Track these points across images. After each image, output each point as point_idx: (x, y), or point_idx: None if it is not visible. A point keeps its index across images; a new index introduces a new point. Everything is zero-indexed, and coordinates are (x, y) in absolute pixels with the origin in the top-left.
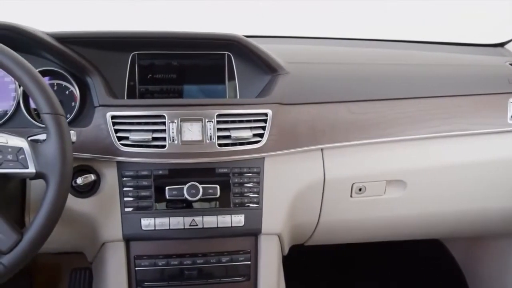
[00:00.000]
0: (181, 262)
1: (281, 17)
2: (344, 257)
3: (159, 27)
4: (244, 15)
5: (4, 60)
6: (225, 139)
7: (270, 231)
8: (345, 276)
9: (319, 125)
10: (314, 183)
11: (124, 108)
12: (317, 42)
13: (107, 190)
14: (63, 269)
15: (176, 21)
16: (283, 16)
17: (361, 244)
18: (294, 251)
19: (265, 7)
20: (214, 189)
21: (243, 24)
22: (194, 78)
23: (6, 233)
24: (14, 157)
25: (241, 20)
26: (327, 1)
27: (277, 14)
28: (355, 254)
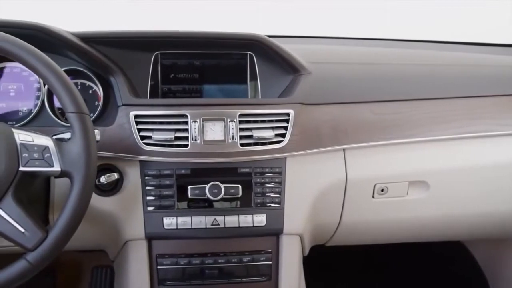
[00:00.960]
0: (202, 261)
1: (302, 17)
2: (364, 258)
3: (180, 27)
4: (265, 15)
5: (30, 59)
6: (247, 139)
7: (291, 231)
8: (365, 277)
9: (341, 126)
10: (336, 183)
11: (147, 108)
12: (338, 42)
13: (129, 189)
14: (84, 267)
15: (197, 21)
16: (304, 16)
17: (381, 245)
18: (313, 251)
19: (286, 6)
20: (236, 188)
21: (264, 24)
22: (216, 78)
23: (31, 231)
24: (39, 155)
25: (262, 20)
26: (347, 0)
27: (298, 14)
28: (376, 255)
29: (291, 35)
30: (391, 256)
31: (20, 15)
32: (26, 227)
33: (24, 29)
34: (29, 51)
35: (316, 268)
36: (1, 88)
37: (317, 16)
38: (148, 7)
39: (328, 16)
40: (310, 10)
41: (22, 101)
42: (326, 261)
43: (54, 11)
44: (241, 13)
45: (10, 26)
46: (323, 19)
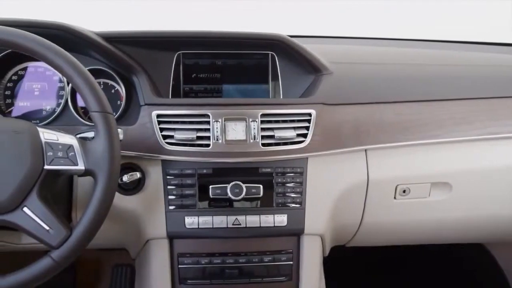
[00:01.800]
0: (223, 260)
1: (322, 17)
2: (384, 260)
3: (200, 27)
4: (286, 15)
5: (56, 59)
6: (269, 138)
7: (312, 232)
8: (384, 279)
9: (363, 126)
10: (358, 184)
11: (169, 107)
12: (360, 42)
13: (151, 188)
14: (105, 265)
15: (217, 21)
16: (325, 16)
17: (402, 247)
18: (332, 251)
19: (307, 6)
20: (257, 188)
21: (284, 24)
22: (238, 78)
23: (56, 229)
24: (64, 154)
25: (282, 20)
26: (368, 1)
27: (319, 14)
28: (396, 256)
29: (312, 35)
30: (411, 257)
31: (29, 14)
32: (50, 225)
33: (49, 29)
34: (54, 51)
35: (334, 269)
36: (26, 87)
37: (337, 16)
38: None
39: (349, 16)
40: (331, 10)
41: (45, 100)
42: (345, 262)
43: (67, 11)
44: (262, 13)
45: (35, 26)
46: (344, 19)
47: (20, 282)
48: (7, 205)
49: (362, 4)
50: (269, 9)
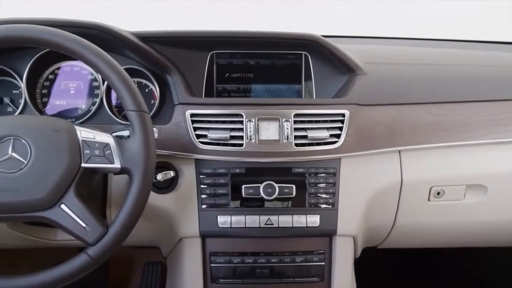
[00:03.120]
0: (255, 260)
1: (356, 17)
2: (415, 261)
3: (231, 27)
4: (318, 15)
5: (93, 58)
6: (302, 139)
7: (345, 233)
8: (415, 282)
9: (397, 127)
10: (391, 185)
11: (203, 107)
12: (393, 42)
13: (185, 187)
14: (136, 262)
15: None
16: (358, 16)
17: (434, 249)
18: (362, 252)
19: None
20: (290, 188)
21: (316, 23)
22: (271, 78)
23: (92, 226)
24: (101, 152)
25: (314, 20)
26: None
27: (352, 14)
28: (428, 258)
29: (345, 35)
30: (443, 260)
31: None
32: (87, 222)
33: (86, 28)
34: (92, 51)
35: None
36: (62, 86)
37: (371, 16)
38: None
39: (382, 16)
40: (362, 10)
41: (81, 99)
42: (375, 263)
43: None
44: (293, 13)
45: (73, 26)
46: (377, 19)
47: (58, 278)
48: (45, 202)
49: (394, 4)
50: (301, 9)
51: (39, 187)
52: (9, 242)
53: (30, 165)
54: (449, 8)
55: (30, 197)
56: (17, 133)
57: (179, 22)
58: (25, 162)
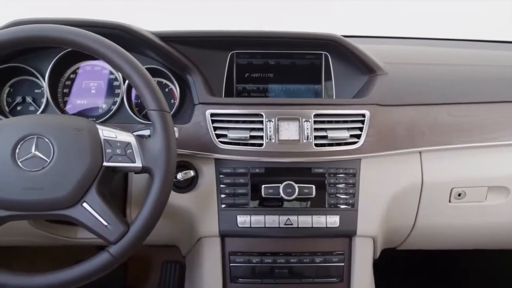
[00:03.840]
0: (274, 260)
1: (375, 17)
2: (434, 263)
3: (250, 27)
4: (338, 15)
5: (115, 58)
6: (322, 139)
7: (365, 234)
8: (434, 283)
9: (418, 127)
10: (412, 186)
11: (223, 106)
12: (414, 42)
13: (204, 186)
14: (154, 261)
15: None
16: (377, 16)
17: (453, 251)
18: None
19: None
20: (309, 189)
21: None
22: (291, 78)
23: (114, 224)
24: (122, 151)
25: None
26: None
27: (371, 14)
28: (447, 260)
29: (365, 35)
30: (463, 263)
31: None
32: (109, 221)
33: (108, 28)
34: (115, 51)
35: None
36: (83, 85)
37: (390, 16)
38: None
39: (402, 16)
40: (383, 10)
41: (101, 98)
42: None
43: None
44: (312, 13)
45: (95, 26)
46: (397, 19)
47: (80, 276)
48: (68, 201)
49: (414, 4)
50: (320, 9)
51: (62, 186)
52: (31, 239)
53: (53, 163)
54: (464, 8)
55: (53, 195)
56: (40, 132)
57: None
58: (48, 160)
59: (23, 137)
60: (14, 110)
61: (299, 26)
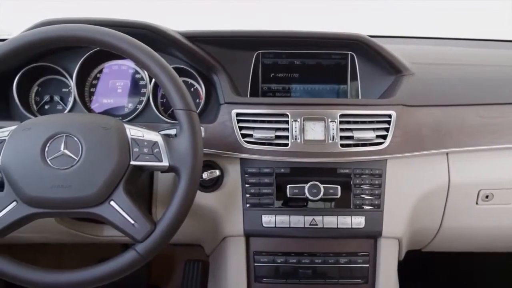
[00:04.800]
0: (299, 260)
1: (401, 17)
2: (459, 265)
3: (275, 27)
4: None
5: (143, 58)
6: (348, 139)
7: (390, 235)
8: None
9: (445, 128)
10: (438, 188)
11: (248, 106)
12: (440, 42)
13: (229, 185)
14: (177, 259)
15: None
16: (403, 16)
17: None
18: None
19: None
20: (335, 189)
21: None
22: (316, 78)
23: (141, 223)
24: (149, 150)
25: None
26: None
27: (397, 14)
28: (472, 264)
29: (391, 35)
30: (489, 266)
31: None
32: (136, 219)
33: (136, 28)
34: (143, 50)
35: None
36: (109, 84)
37: (417, 16)
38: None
39: (428, 16)
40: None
41: (127, 98)
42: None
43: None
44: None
45: (123, 26)
46: (424, 19)
47: (107, 274)
48: (95, 199)
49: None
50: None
51: (90, 184)
52: (57, 237)
53: (81, 162)
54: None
55: (81, 194)
56: (69, 130)
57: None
58: (76, 159)
59: (52, 136)
60: (42, 109)
61: (322, 26)
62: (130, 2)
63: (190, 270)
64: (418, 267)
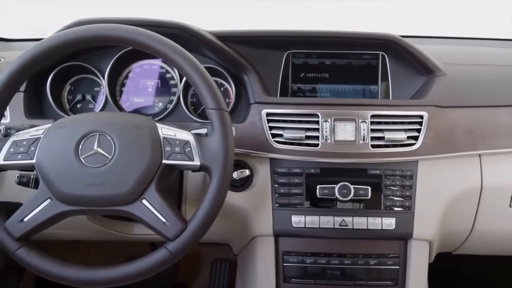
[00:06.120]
0: (328, 261)
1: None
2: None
3: (304, 27)
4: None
5: (176, 57)
6: (379, 140)
7: (421, 237)
8: None
9: (478, 130)
10: (470, 190)
11: (278, 106)
12: (472, 43)
13: (259, 185)
14: (204, 258)
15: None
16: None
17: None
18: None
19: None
20: (365, 190)
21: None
22: (346, 78)
23: (172, 221)
24: (181, 149)
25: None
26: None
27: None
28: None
29: (423, 35)
30: None
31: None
32: (167, 218)
33: (168, 28)
34: (176, 50)
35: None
36: (140, 84)
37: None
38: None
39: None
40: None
41: (158, 97)
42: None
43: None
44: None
45: (156, 25)
46: (454, 19)
47: (139, 271)
48: (128, 197)
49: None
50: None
51: (123, 182)
52: (88, 234)
53: (114, 160)
54: None
55: (114, 192)
56: (102, 129)
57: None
58: (109, 157)
59: (86, 134)
60: (74, 107)
61: (349, 26)
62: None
63: (217, 269)
64: (447, 270)
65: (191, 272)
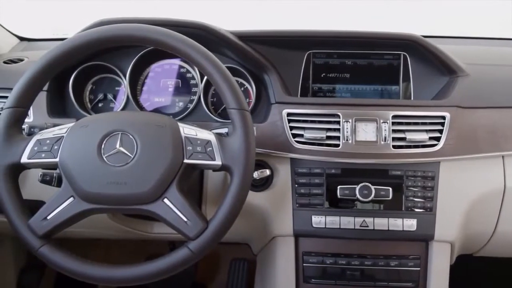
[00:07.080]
0: (348, 262)
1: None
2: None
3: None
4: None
5: (198, 57)
6: (400, 141)
7: (442, 239)
8: None
9: (501, 131)
10: (493, 191)
11: (299, 106)
12: (494, 43)
13: (279, 185)
14: (223, 258)
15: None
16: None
17: None
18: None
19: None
20: (386, 191)
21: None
22: (367, 78)
23: (193, 221)
24: (202, 149)
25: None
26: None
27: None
28: None
29: (444, 35)
30: None
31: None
32: (188, 217)
33: (190, 28)
34: (198, 50)
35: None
36: (161, 83)
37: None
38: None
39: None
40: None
41: (178, 96)
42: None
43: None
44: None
45: (178, 25)
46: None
47: (161, 270)
48: (150, 196)
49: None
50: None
51: (145, 181)
52: (109, 232)
53: (136, 159)
54: None
55: (136, 190)
56: (124, 128)
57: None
58: (131, 156)
59: (108, 133)
60: (96, 107)
61: (369, 26)
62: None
63: (236, 268)
64: (468, 271)
65: (210, 271)
